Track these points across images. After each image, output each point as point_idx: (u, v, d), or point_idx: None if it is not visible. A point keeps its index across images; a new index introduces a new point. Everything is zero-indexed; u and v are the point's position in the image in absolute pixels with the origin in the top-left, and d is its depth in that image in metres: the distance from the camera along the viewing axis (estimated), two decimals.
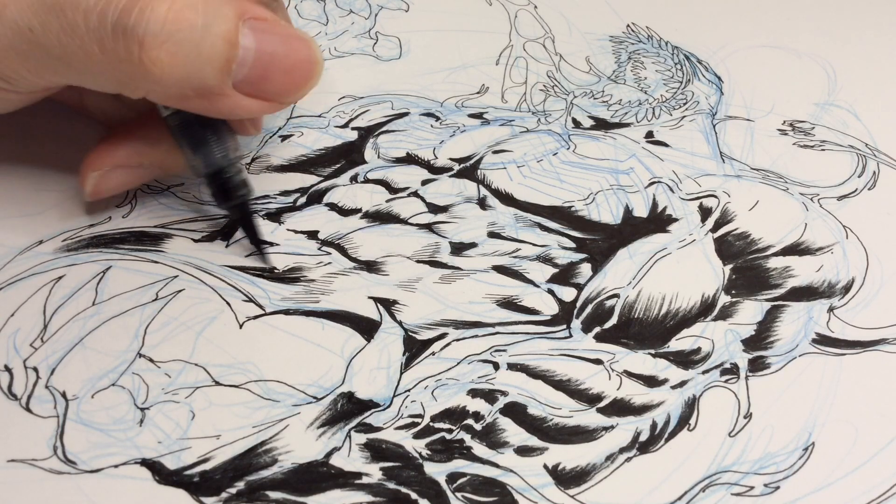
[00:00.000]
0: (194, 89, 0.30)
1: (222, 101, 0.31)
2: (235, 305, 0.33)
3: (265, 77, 0.31)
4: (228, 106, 0.31)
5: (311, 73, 0.32)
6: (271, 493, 0.28)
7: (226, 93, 0.31)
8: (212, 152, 0.33)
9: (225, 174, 0.34)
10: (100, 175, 0.34)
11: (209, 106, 0.31)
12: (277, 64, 0.31)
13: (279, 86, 0.32)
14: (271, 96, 0.32)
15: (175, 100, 0.31)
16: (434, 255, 0.35)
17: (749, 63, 0.44)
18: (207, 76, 0.30)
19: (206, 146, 0.33)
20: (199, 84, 0.30)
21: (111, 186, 0.34)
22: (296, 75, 0.32)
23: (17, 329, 0.32)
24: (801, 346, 0.33)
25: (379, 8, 0.46)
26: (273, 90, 0.31)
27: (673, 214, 0.37)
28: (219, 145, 0.33)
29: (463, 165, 0.39)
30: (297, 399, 0.31)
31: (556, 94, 0.42)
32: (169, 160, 0.35)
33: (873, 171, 0.40)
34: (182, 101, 0.31)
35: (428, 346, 0.32)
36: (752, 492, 0.29)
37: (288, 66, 0.31)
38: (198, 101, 0.31)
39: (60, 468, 0.29)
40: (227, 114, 0.32)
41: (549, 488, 0.29)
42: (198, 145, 0.33)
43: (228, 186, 0.34)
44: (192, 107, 0.31)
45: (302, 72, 0.32)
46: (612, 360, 0.32)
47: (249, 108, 0.31)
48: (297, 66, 0.32)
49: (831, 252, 0.36)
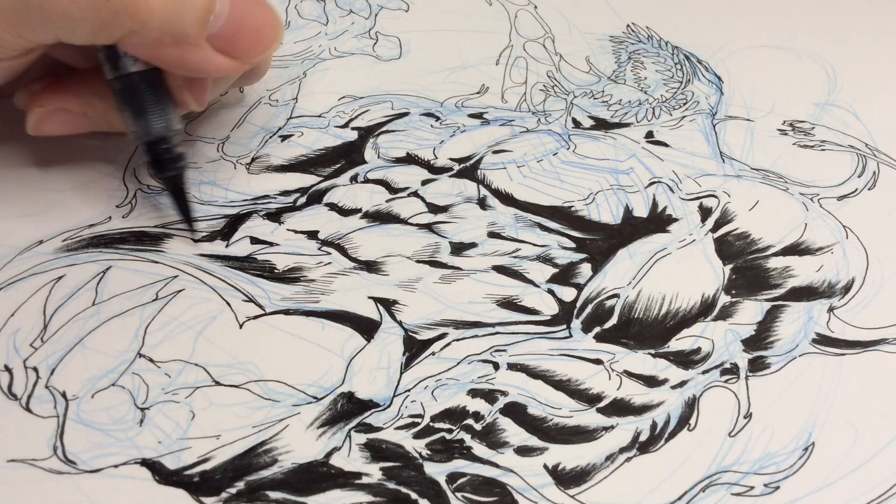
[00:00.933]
0: (172, 36, 0.31)
1: (194, 52, 0.32)
2: (235, 305, 0.33)
3: (236, 33, 0.33)
4: (198, 58, 0.32)
5: (275, 36, 0.34)
6: (271, 493, 0.28)
7: (199, 44, 0.32)
8: (152, 121, 0.34)
9: (162, 144, 0.34)
10: (44, 112, 0.35)
11: (180, 56, 0.32)
12: (248, 22, 0.33)
13: (248, 43, 0.33)
14: (238, 53, 0.33)
15: (149, 47, 0.32)
16: (434, 255, 0.35)
17: (749, 63, 0.44)
18: (188, 24, 0.31)
19: (147, 114, 0.33)
20: (179, 31, 0.31)
21: (53, 126, 0.35)
22: (263, 35, 0.34)
23: (17, 329, 0.32)
24: (801, 346, 0.33)
25: (379, 8, 0.46)
26: (241, 47, 0.33)
27: (673, 214, 0.37)
28: (160, 115, 0.34)
29: (463, 165, 0.39)
30: (297, 399, 0.31)
31: (556, 94, 0.42)
32: (113, 116, 0.35)
33: (873, 171, 0.40)
34: (156, 48, 0.32)
35: (428, 346, 0.32)
36: (752, 492, 0.29)
37: (257, 25, 0.33)
38: (171, 49, 0.32)
39: (60, 468, 0.29)
40: (194, 67, 0.33)
41: (549, 488, 0.29)
42: (139, 112, 0.33)
43: (165, 157, 0.34)
44: (164, 56, 0.32)
45: (269, 33, 0.34)
46: (612, 360, 0.32)
47: (217, 63, 0.33)
48: (265, 26, 0.34)
49: (831, 252, 0.36)
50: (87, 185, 0.36)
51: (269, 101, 0.41)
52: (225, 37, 0.32)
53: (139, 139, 0.34)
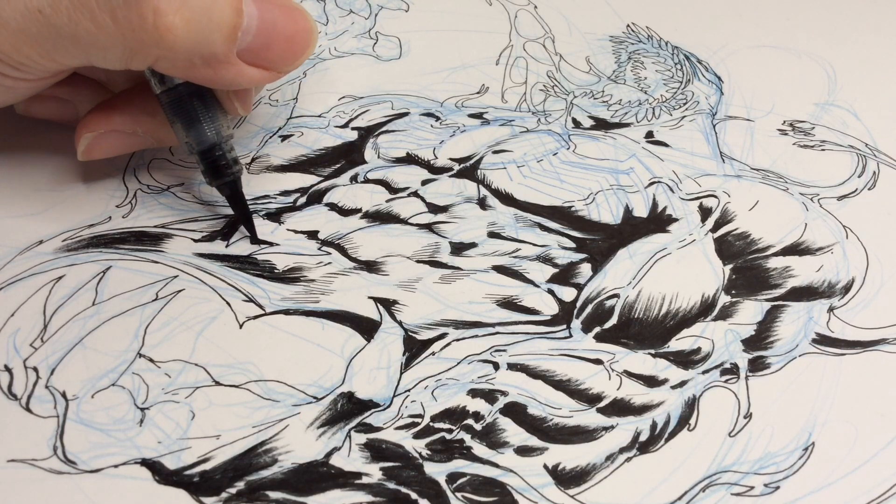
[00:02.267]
0: (202, 57, 0.31)
1: (227, 69, 0.32)
2: (235, 305, 0.33)
3: (267, 45, 0.32)
4: (232, 74, 0.32)
5: (309, 41, 0.34)
6: (271, 493, 0.28)
7: (230, 61, 0.32)
8: (203, 130, 0.34)
9: (216, 151, 0.34)
10: (94, 137, 0.35)
11: (213, 75, 0.32)
12: (279, 32, 0.32)
13: (280, 53, 0.33)
14: (271, 65, 0.33)
15: (182, 69, 0.32)
16: (434, 255, 0.35)
17: (749, 63, 0.44)
18: (216, 43, 0.31)
19: (198, 123, 0.34)
20: (208, 51, 0.31)
21: (104, 149, 0.35)
22: (295, 43, 0.33)
23: (17, 329, 0.32)
24: (801, 346, 0.33)
25: (379, 8, 0.46)
26: (274, 58, 0.33)
27: (673, 214, 0.37)
28: (210, 123, 0.34)
29: (463, 165, 0.39)
30: (297, 399, 0.31)
31: (556, 94, 0.42)
32: (163, 132, 0.35)
33: (873, 171, 0.40)
34: (188, 69, 0.32)
35: (428, 346, 0.32)
36: (752, 492, 0.29)
37: (288, 34, 0.33)
38: (204, 69, 0.32)
39: (60, 468, 0.29)
40: (230, 83, 0.33)
41: (549, 488, 0.29)
42: (189, 122, 0.34)
43: (219, 164, 0.34)
44: (197, 76, 0.32)
45: (301, 40, 0.33)
46: (612, 360, 0.32)
47: (251, 76, 0.33)
48: (296, 34, 0.33)
49: (831, 252, 0.36)
50: (87, 185, 0.37)
51: (269, 101, 0.41)
52: (255, 50, 0.32)
53: (192, 149, 0.34)
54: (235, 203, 0.35)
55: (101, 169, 0.37)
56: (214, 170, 0.34)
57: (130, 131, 0.35)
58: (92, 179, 0.37)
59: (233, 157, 0.34)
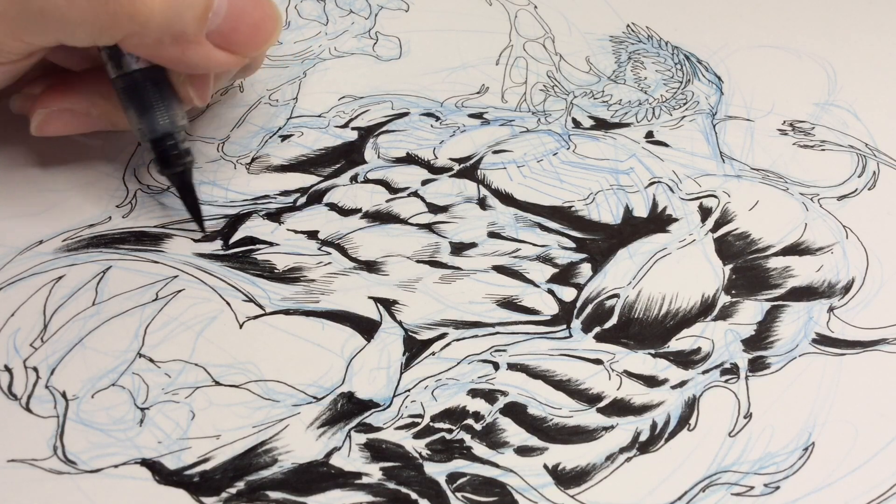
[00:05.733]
0: (172, 35, 0.31)
1: (195, 49, 0.32)
2: (235, 305, 0.33)
3: (235, 28, 0.33)
4: (199, 55, 0.32)
5: (274, 29, 0.35)
6: (271, 493, 0.28)
7: (199, 41, 0.32)
8: (156, 118, 0.34)
9: (168, 141, 0.34)
10: (47, 113, 0.35)
11: (181, 55, 0.32)
12: (247, 16, 0.33)
13: (246, 38, 0.34)
14: (238, 48, 0.33)
15: (150, 47, 0.32)
16: (434, 255, 0.35)
17: (749, 63, 0.44)
18: (187, 22, 0.31)
19: (152, 111, 0.33)
20: (178, 30, 0.31)
21: (57, 127, 0.35)
22: (261, 29, 0.34)
23: (17, 329, 0.32)
24: (801, 346, 0.33)
25: (379, 8, 0.46)
26: (241, 42, 0.33)
27: (673, 214, 0.37)
28: (164, 111, 0.34)
29: (463, 165, 0.39)
30: (297, 399, 0.31)
31: (556, 94, 0.42)
32: (117, 115, 0.35)
33: (873, 171, 0.40)
34: (156, 48, 0.32)
35: (428, 346, 0.32)
36: (752, 492, 0.29)
37: (255, 20, 0.34)
38: (172, 48, 0.32)
39: (60, 468, 0.29)
40: (195, 65, 0.33)
41: (549, 488, 0.29)
42: (143, 109, 0.33)
43: (171, 154, 0.34)
44: (165, 55, 0.32)
45: (267, 26, 0.34)
46: (612, 360, 0.32)
47: (217, 59, 0.33)
48: (263, 20, 0.34)
49: (831, 252, 0.36)
50: (87, 185, 0.36)
51: (269, 100, 0.41)
52: (224, 32, 0.33)
53: (144, 137, 0.34)
54: (185, 194, 0.35)
55: (101, 169, 0.37)
56: (165, 159, 0.34)
57: (84, 111, 0.35)
58: (92, 179, 0.37)
59: (185, 147, 0.34)
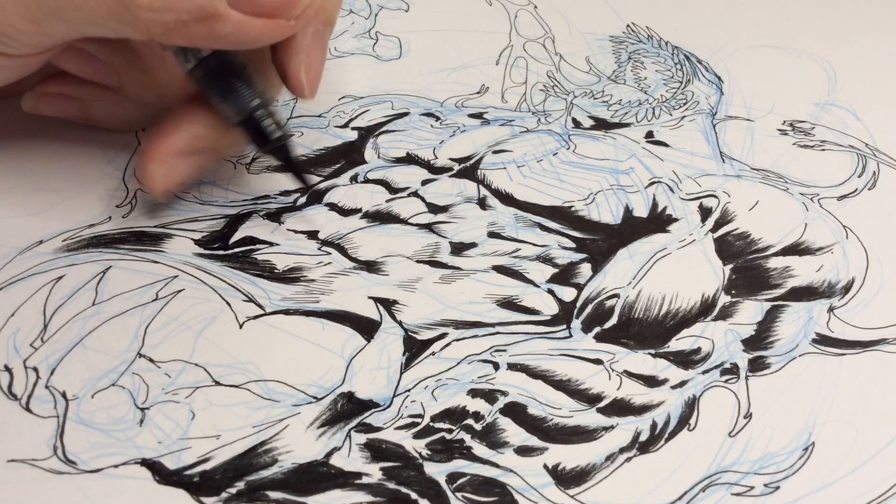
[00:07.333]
0: (190, 12, 0.29)
1: (222, 23, 0.30)
2: (235, 305, 0.33)
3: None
4: (230, 28, 0.30)
5: None
6: (271, 493, 0.28)
7: (222, 12, 0.30)
8: (241, 97, 0.32)
9: (259, 119, 0.33)
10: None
11: (211, 31, 0.30)
12: None
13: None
14: (269, 10, 0.31)
15: (177, 32, 0.30)
16: (434, 255, 0.35)
17: (749, 63, 0.44)
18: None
19: (234, 91, 0.32)
20: (195, 5, 0.29)
21: (175, 177, 0.34)
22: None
23: (17, 329, 0.32)
24: (801, 346, 0.33)
25: (379, 8, 0.46)
26: (272, 2, 0.31)
27: (673, 214, 0.37)
28: (246, 88, 0.33)
29: (463, 165, 0.39)
30: (297, 399, 0.31)
31: (556, 94, 0.42)
32: (222, 138, 0.34)
33: (873, 171, 0.40)
34: (184, 31, 0.30)
35: (428, 346, 0.32)
36: (752, 492, 0.29)
37: None
38: (198, 27, 0.30)
39: (60, 468, 0.29)
40: (234, 41, 0.31)
41: (549, 488, 0.29)
42: (226, 92, 0.32)
43: (264, 130, 0.33)
44: (196, 36, 0.30)
45: None
46: (612, 360, 0.32)
47: (254, 28, 0.31)
48: None
49: (831, 252, 0.36)
50: (87, 185, 0.36)
51: None
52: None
53: (235, 120, 0.33)
54: (290, 168, 0.34)
55: (101, 169, 0.37)
56: (261, 136, 0.33)
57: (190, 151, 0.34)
58: (92, 179, 0.37)
59: (277, 119, 0.33)
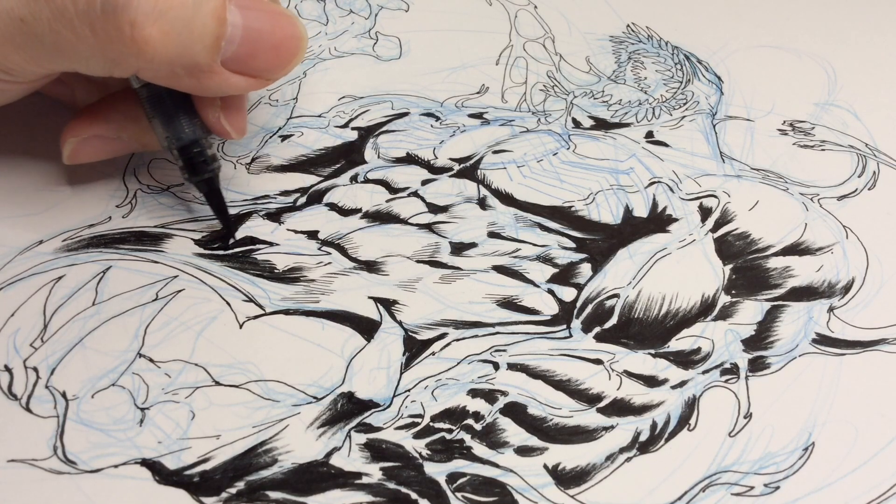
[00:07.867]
0: (184, 67, 0.31)
1: (211, 78, 0.31)
2: (235, 305, 0.33)
3: (253, 54, 0.32)
4: (217, 83, 0.32)
5: (297, 49, 0.33)
6: (271, 493, 0.28)
7: (215, 70, 0.31)
8: (181, 126, 0.33)
9: (194, 148, 0.34)
10: (77, 142, 0.35)
11: (198, 84, 0.31)
12: (265, 41, 0.32)
13: (266, 62, 0.32)
14: (258, 73, 0.32)
15: (165, 78, 0.31)
16: (434, 255, 0.35)
17: (749, 63, 0.44)
18: (198, 54, 0.30)
19: (176, 119, 0.33)
20: (190, 62, 0.30)
21: (89, 153, 0.35)
22: (282, 51, 0.32)
23: (17, 329, 0.32)
24: (801, 346, 0.33)
25: (379, 8, 0.46)
26: (260, 66, 0.32)
27: (673, 214, 0.37)
28: (188, 119, 0.33)
29: (463, 165, 0.39)
30: (297, 399, 0.31)
31: (556, 94, 0.42)
32: (147, 137, 0.35)
33: (873, 171, 0.40)
34: (172, 78, 0.31)
35: (428, 346, 0.32)
36: (752, 492, 0.29)
37: (275, 42, 0.32)
38: (187, 79, 0.31)
39: (60, 468, 0.29)
40: (216, 91, 0.32)
41: (549, 488, 0.29)
42: (168, 119, 0.33)
43: (198, 160, 0.34)
44: (182, 85, 0.32)
45: (288, 48, 0.33)
46: (612, 360, 0.32)
47: (237, 84, 0.32)
48: (283, 42, 0.32)
49: (831, 252, 0.36)
50: (87, 185, 0.37)
51: (269, 101, 0.41)
52: (241, 58, 0.31)
53: (171, 145, 0.34)
54: (213, 200, 0.35)
55: (101, 169, 0.37)
56: (192, 166, 0.34)
57: (114, 136, 0.35)
58: (92, 179, 0.37)
59: (211, 153, 0.34)
